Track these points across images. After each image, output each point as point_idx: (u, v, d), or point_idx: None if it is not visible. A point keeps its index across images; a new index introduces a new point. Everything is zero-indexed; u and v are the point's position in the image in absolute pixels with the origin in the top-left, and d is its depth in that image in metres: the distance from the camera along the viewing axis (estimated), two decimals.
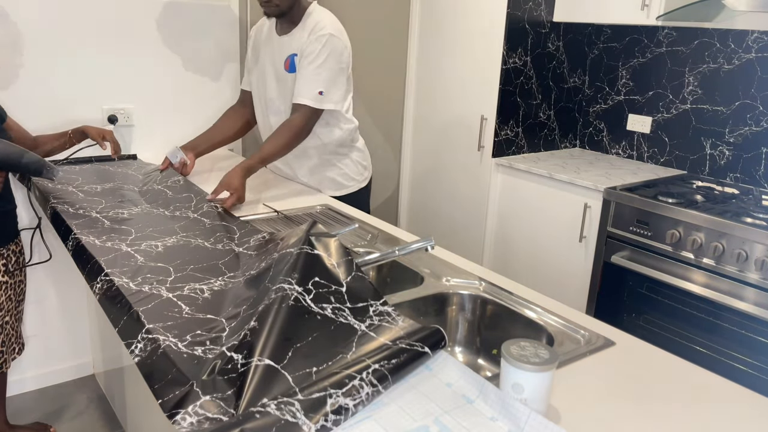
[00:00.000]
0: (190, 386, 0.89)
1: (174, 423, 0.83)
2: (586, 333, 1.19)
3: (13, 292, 1.85)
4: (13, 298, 1.86)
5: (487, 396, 0.92)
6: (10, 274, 1.83)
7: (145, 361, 1.00)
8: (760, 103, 2.46)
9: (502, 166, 2.84)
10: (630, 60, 2.89)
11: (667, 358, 1.11)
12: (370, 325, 1.07)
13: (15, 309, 1.89)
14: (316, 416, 0.83)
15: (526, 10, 2.74)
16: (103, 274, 1.29)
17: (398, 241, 1.67)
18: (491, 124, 2.84)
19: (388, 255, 1.31)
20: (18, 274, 1.88)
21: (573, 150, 3.14)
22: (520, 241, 2.80)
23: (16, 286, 1.87)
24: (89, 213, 1.67)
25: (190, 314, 1.12)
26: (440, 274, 1.45)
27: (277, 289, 1.06)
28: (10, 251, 1.84)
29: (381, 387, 0.91)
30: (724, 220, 2.05)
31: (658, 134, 2.83)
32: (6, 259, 1.81)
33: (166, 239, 1.49)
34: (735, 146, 2.56)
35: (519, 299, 1.33)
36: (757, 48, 2.44)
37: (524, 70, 2.83)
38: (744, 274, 2.02)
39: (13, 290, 1.85)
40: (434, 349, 1.01)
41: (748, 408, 0.98)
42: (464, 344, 1.41)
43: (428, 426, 0.86)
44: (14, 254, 1.86)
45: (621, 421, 0.92)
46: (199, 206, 1.77)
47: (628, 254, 2.34)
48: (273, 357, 0.93)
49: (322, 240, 1.20)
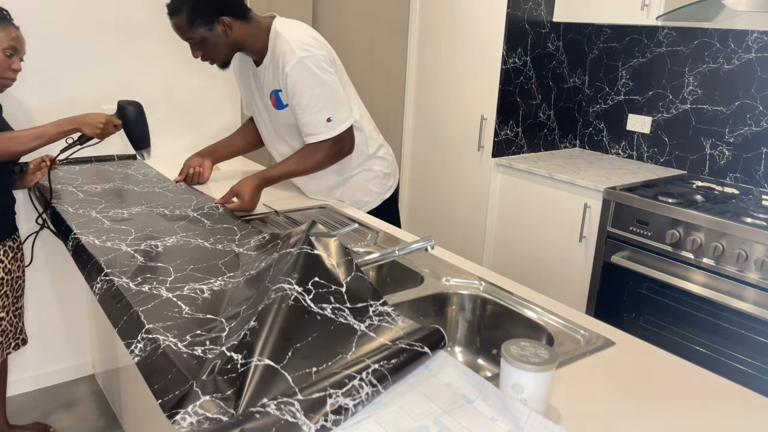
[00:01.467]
0: (190, 386, 0.89)
1: (174, 423, 0.83)
2: (586, 333, 1.19)
3: (10, 288, 1.85)
4: (10, 295, 1.86)
5: (487, 396, 0.92)
6: (7, 270, 1.83)
7: (145, 361, 1.00)
8: (760, 103, 2.46)
9: (502, 166, 2.84)
10: (630, 60, 2.89)
11: (667, 358, 1.11)
12: (370, 325, 1.07)
13: (13, 305, 1.89)
14: (316, 416, 0.83)
15: (526, 10, 2.74)
16: (103, 274, 1.29)
17: (398, 241, 1.67)
18: (491, 124, 2.84)
19: (388, 255, 1.31)
20: (16, 270, 1.88)
21: (573, 150, 3.14)
22: (520, 241, 2.80)
23: (14, 282, 1.87)
24: (89, 213, 1.67)
25: (190, 314, 1.12)
26: (440, 274, 1.45)
27: (277, 289, 1.06)
28: (7, 247, 1.84)
29: (381, 387, 0.91)
30: (724, 220, 2.05)
31: (658, 134, 2.83)
32: (3, 256, 1.81)
33: (166, 239, 1.49)
34: (735, 146, 2.56)
35: (519, 299, 1.33)
36: (757, 48, 2.44)
37: (524, 70, 2.83)
38: (744, 274, 2.02)
39: (10, 286, 1.85)
40: (434, 349, 1.01)
41: (748, 408, 0.97)
42: (464, 344, 1.41)
43: (428, 426, 0.86)
44: (11, 250, 1.86)
45: (621, 421, 0.92)
46: (199, 207, 1.77)
47: (628, 254, 2.34)
48: (273, 357, 0.93)
49: (322, 240, 1.20)
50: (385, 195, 2.06)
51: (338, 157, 1.86)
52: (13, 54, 1.65)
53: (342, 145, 1.84)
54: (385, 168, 2.04)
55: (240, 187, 1.76)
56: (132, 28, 2.36)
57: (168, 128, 2.54)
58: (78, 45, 2.25)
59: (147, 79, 2.44)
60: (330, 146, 1.82)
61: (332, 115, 1.79)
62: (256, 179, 1.78)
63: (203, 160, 2.06)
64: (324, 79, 1.77)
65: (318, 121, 1.78)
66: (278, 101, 1.83)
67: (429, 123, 3.18)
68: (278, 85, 1.80)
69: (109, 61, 2.33)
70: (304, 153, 1.83)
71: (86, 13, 2.25)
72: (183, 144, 2.59)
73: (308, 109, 1.77)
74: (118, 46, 2.34)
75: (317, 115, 1.78)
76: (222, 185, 2.06)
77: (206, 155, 2.08)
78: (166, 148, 2.55)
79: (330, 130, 1.79)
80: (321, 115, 1.78)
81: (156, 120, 2.49)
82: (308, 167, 1.84)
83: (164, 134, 2.53)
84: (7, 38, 1.62)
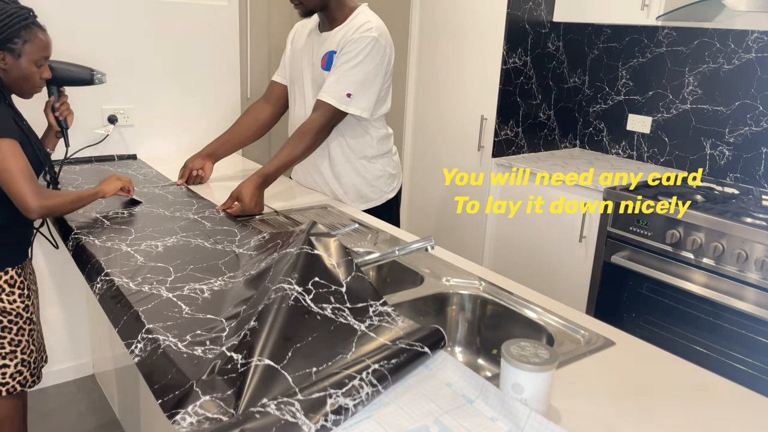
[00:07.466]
0: (190, 386, 0.89)
1: (174, 423, 0.83)
2: (586, 333, 1.19)
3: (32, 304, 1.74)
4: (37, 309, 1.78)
5: (487, 396, 0.92)
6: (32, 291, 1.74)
7: (145, 361, 1.00)
8: (760, 103, 2.46)
9: (502, 166, 2.84)
10: (630, 60, 2.89)
11: (667, 358, 1.11)
12: (370, 325, 1.07)
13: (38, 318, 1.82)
14: (316, 416, 0.83)
15: (526, 10, 2.74)
16: (103, 274, 1.29)
17: (398, 241, 1.67)
18: (491, 124, 2.84)
19: (388, 255, 1.31)
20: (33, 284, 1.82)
21: (573, 150, 3.14)
22: (520, 241, 2.80)
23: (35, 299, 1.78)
24: (89, 213, 1.68)
25: (190, 314, 1.12)
26: (440, 274, 1.45)
27: (277, 289, 1.06)
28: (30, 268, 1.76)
29: (381, 387, 0.91)
30: (724, 220, 2.05)
31: (658, 134, 2.83)
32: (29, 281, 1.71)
33: (166, 239, 1.50)
34: (735, 146, 2.56)
35: (519, 299, 1.33)
36: (757, 48, 2.44)
37: (524, 70, 2.83)
38: (744, 274, 2.02)
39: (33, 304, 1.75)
40: (434, 349, 1.01)
41: (748, 408, 0.97)
42: (464, 344, 1.41)
43: (428, 426, 0.86)
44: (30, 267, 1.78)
45: (621, 421, 0.92)
46: (200, 210, 1.77)
47: (628, 254, 2.34)
48: (273, 357, 0.93)
49: (322, 240, 1.20)
50: (389, 195, 2.10)
51: (321, 139, 1.89)
52: (43, 63, 1.61)
53: (328, 125, 1.87)
54: (392, 169, 2.10)
55: (239, 191, 1.75)
56: (132, 28, 2.36)
57: (167, 129, 2.54)
58: (78, 44, 2.25)
59: (145, 80, 2.44)
60: (318, 124, 1.85)
61: (354, 94, 1.84)
62: (254, 179, 1.78)
63: (204, 161, 2.07)
64: (375, 65, 1.85)
65: (341, 87, 1.83)
66: (329, 62, 1.88)
67: (429, 123, 3.18)
68: (337, 47, 1.86)
69: (108, 62, 2.33)
70: (293, 141, 1.86)
71: (86, 13, 2.24)
72: (183, 144, 2.59)
73: (344, 72, 1.83)
74: (117, 47, 2.34)
75: (344, 84, 1.83)
76: (222, 186, 2.06)
77: (206, 156, 2.08)
78: (164, 150, 2.55)
79: (341, 103, 1.84)
80: (347, 86, 1.83)
81: (154, 122, 2.50)
82: (300, 152, 1.87)
83: (163, 136, 2.53)
84: (38, 49, 1.54)
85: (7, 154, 1.46)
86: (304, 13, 1.87)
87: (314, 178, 2.08)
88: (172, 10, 2.43)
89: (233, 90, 2.67)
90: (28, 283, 1.67)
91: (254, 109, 2.14)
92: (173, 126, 2.55)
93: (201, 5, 2.50)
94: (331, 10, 1.88)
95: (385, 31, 1.88)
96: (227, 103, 2.68)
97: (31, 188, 1.48)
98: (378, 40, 1.84)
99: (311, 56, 1.96)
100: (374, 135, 2.00)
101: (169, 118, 2.53)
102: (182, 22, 2.46)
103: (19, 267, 1.64)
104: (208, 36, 2.55)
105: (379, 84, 1.89)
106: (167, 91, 2.50)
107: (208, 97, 2.62)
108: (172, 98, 2.52)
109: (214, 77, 2.61)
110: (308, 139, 1.85)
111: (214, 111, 2.65)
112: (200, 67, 2.56)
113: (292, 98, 2.07)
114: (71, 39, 2.23)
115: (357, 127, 1.97)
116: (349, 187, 2.03)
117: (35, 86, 1.61)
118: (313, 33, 1.97)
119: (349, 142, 1.98)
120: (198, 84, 2.57)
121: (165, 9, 2.41)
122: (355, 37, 1.83)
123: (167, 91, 2.50)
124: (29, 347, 1.68)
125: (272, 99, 2.13)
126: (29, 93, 1.62)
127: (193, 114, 2.59)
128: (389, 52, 1.90)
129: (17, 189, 1.47)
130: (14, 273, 1.62)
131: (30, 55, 1.53)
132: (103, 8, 2.27)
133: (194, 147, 2.53)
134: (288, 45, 2.10)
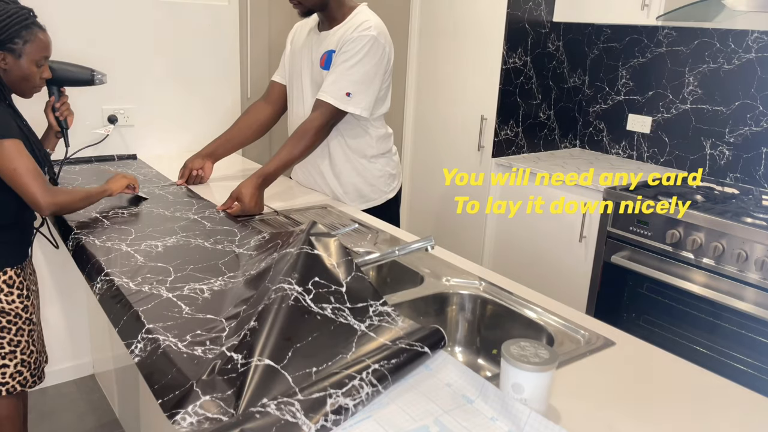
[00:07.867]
0: (190, 386, 0.89)
1: (174, 423, 0.83)
2: (586, 333, 1.19)
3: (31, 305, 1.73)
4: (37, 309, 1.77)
5: (487, 396, 0.92)
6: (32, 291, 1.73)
7: (145, 361, 1.00)
8: (760, 103, 2.46)
9: (502, 166, 2.84)
10: (630, 60, 2.89)
11: (667, 358, 1.11)
12: (370, 325, 1.07)
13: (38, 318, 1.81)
14: (316, 416, 0.83)
15: (526, 10, 2.74)
16: (103, 274, 1.29)
17: (398, 241, 1.67)
18: (491, 124, 2.84)
19: (388, 255, 1.31)
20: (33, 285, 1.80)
21: (573, 150, 3.14)
22: (520, 241, 2.80)
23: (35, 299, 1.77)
24: (89, 213, 1.68)
25: (190, 314, 1.12)
26: (440, 274, 1.45)
27: (277, 289, 1.06)
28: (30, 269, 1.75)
29: (381, 387, 0.91)
30: (724, 220, 2.05)
31: (658, 134, 2.83)
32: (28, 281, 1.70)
33: (166, 239, 1.50)
34: (735, 146, 2.56)
35: (519, 299, 1.33)
36: (757, 48, 2.44)
37: (524, 70, 2.83)
38: (744, 274, 2.02)
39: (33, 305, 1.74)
40: (434, 349, 1.01)
41: (748, 408, 0.97)
42: (464, 344, 1.41)
43: (428, 426, 0.86)
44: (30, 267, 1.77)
45: (621, 421, 0.92)
46: (200, 210, 1.77)
47: (628, 254, 2.34)
48: (273, 357, 0.93)
49: (322, 240, 1.20)
50: (389, 194, 2.10)
51: (320, 139, 1.89)
52: (43, 63, 1.61)
53: (327, 124, 1.87)
54: (392, 169, 2.10)
55: (239, 191, 1.75)
56: (132, 28, 2.36)
57: (167, 129, 2.54)
58: (78, 45, 2.25)
59: (145, 80, 2.44)
60: (318, 124, 1.85)
61: (354, 93, 1.84)
62: (254, 179, 1.78)
63: (204, 161, 2.07)
64: (374, 64, 1.85)
65: (340, 87, 1.83)
66: (328, 61, 1.89)
67: (429, 123, 3.18)
68: (336, 46, 1.86)
69: (108, 62, 2.33)
70: (293, 140, 1.86)
71: (86, 13, 2.25)
72: (183, 144, 2.59)
73: (343, 72, 1.83)
74: (117, 47, 2.34)
75: (343, 83, 1.83)
76: (222, 186, 2.06)
77: (206, 156, 2.08)
78: (164, 150, 2.55)
79: (340, 102, 1.84)
80: (346, 85, 1.83)
81: (154, 122, 2.50)
82: (300, 152, 1.87)
83: (163, 136, 2.53)
84: (38, 49, 1.54)
85: (14, 155, 1.47)
86: (303, 12, 1.87)
87: (314, 178, 2.08)
88: (172, 10, 2.43)
89: (233, 90, 2.67)
90: (27, 283, 1.67)
91: (254, 109, 2.14)
92: (173, 126, 2.55)
93: (201, 5, 2.50)
94: (330, 10, 1.88)
95: (384, 30, 1.88)
96: (227, 103, 2.68)
97: (41, 186, 1.49)
98: (377, 39, 1.84)
99: (310, 55, 1.96)
100: (374, 135, 2.00)
101: (169, 118, 2.53)
102: (182, 22, 2.46)
103: (18, 267, 1.64)
104: (208, 36, 2.55)
105: (378, 83, 1.89)
106: (167, 91, 2.50)
107: (208, 97, 2.62)
108: (172, 98, 2.52)
109: (214, 77, 2.61)
110: (308, 138, 1.85)
111: (214, 111, 2.65)
112: (200, 67, 2.56)
113: (291, 97, 2.07)
114: (71, 39, 2.23)
115: (357, 127, 1.97)
116: (349, 187, 2.03)
117: (35, 86, 1.61)
118: (313, 32, 1.97)
119: (349, 141, 1.98)
120: (198, 84, 2.57)
121: (165, 9, 2.41)
122: (354, 36, 1.83)
123: (167, 91, 2.50)
124: (29, 347, 1.68)
125: (272, 99, 2.13)
126: (29, 93, 1.62)
127: (193, 114, 2.59)
128: (388, 51, 1.90)
129: (27, 188, 1.48)
130: (13, 273, 1.62)
131: (30, 55, 1.54)
132: (103, 8, 2.28)
133: (194, 147, 2.53)
134: (288, 45, 2.10)
